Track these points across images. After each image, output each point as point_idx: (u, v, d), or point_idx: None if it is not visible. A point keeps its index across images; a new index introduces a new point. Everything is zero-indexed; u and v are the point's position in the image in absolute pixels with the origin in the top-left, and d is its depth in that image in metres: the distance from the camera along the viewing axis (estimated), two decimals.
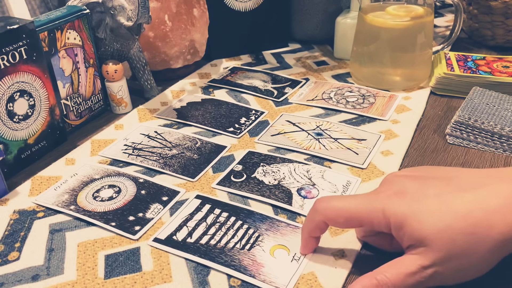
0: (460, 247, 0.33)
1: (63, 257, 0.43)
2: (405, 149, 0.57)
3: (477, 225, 0.33)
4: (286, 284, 0.39)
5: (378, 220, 0.36)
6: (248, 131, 0.62)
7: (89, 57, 0.63)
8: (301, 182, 0.51)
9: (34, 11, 1.40)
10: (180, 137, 0.60)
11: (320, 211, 0.38)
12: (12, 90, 0.52)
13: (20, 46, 0.52)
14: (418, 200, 0.35)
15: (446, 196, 0.35)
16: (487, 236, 0.33)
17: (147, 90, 0.72)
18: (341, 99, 0.68)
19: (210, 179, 0.53)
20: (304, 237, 0.41)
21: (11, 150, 0.54)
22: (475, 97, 0.61)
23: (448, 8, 1.07)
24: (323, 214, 0.38)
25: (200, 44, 0.78)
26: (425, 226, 0.34)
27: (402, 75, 0.71)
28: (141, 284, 0.40)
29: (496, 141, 0.55)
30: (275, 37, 0.88)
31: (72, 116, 0.63)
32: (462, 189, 0.35)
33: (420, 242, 0.34)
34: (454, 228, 0.33)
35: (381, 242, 0.41)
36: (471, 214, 0.33)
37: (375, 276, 0.35)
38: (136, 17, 0.60)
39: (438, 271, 0.34)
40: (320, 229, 0.40)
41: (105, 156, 0.57)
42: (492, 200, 0.34)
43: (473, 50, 0.84)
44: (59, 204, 0.49)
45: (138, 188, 0.51)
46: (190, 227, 0.45)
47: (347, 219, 0.37)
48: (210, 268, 0.41)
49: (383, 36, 0.68)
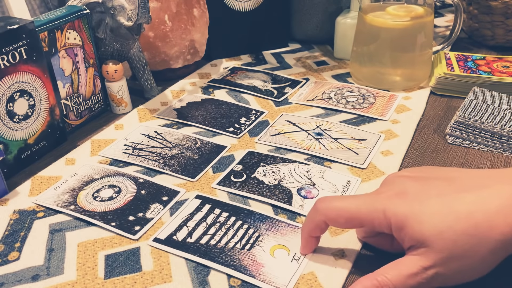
0: (462, 248, 0.33)
1: (63, 257, 0.43)
2: (405, 149, 0.57)
3: (478, 226, 0.33)
4: (286, 284, 0.39)
5: (379, 221, 0.36)
6: (248, 131, 0.62)
7: (89, 57, 0.63)
8: (301, 182, 0.51)
9: (34, 11, 1.40)
10: (180, 137, 0.60)
11: (320, 211, 0.38)
12: (12, 90, 0.52)
13: (20, 46, 0.52)
14: (419, 201, 0.35)
15: (448, 197, 0.35)
16: (489, 237, 0.33)
17: (147, 90, 0.72)
18: (341, 99, 0.68)
19: (210, 179, 0.53)
20: (304, 237, 0.41)
21: (11, 150, 0.54)
22: (475, 97, 0.61)
23: (448, 8, 1.07)
24: (324, 214, 0.38)
25: (200, 44, 0.78)
26: (426, 227, 0.34)
27: (402, 75, 0.71)
28: (141, 284, 0.40)
29: (496, 141, 0.55)
30: (275, 37, 0.88)
31: (72, 116, 0.63)
32: (463, 190, 0.35)
33: (421, 243, 0.34)
34: (455, 229, 0.33)
35: (382, 242, 0.41)
36: (472, 215, 0.33)
37: (375, 277, 0.35)
38: (136, 17, 0.60)
39: (439, 272, 0.34)
40: (320, 229, 0.40)
41: (105, 156, 0.57)
42: (493, 201, 0.34)
43: (473, 50, 0.84)
44: (59, 204, 0.49)
45: (138, 188, 0.51)
46: (190, 227, 0.45)
47: (347, 219, 0.37)
48: (210, 268, 0.41)
49: (383, 36, 0.68)
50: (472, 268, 0.34)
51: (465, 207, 0.34)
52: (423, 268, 0.34)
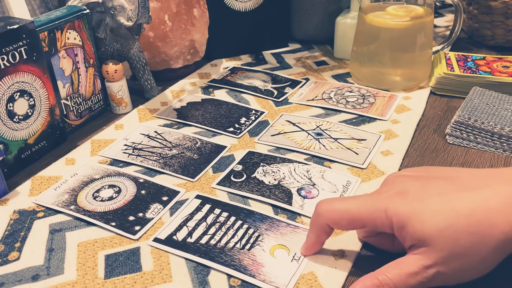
0: (463, 247, 0.33)
1: (63, 257, 0.43)
2: (405, 149, 0.57)
3: (479, 224, 0.33)
4: (286, 284, 0.39)
5: (381, 221, 0.36)
6: (248, 131, 0.62)
7: (89, 57, 0.63)
8: (301, 182, 0.51)
9: (34, 11, 1.40)
10: (180, 137, 0.60)
11: (323, 214, 0.38)
12: (12, 90, 0.52)
13: (20, 46, 0.52)
14: (420, 200, 0.35)
15: (448, 195, 0.35)
16: (490, 235, 0.33)
17: (147, 90, 0.72)
18: (341, 99, 0.68)
19: (210, 179, 0.53)
20: (310, 240, 0.41)
21: (11, 150, 0.54)
22: (475, 97, 0.61)
23: (448, 8, 1.07)
24: (326, 217, 0.38)
25: (200, 44, 0.78)
26: (428, 225, 0.34)
27: (402, 75, 0.71)
28: (141, 284, 0.40)
29: (496, 141, 0.55)
30: (275, 37, 0.88)
31: (72, 116, 0.63)
32: (464, 189, 0.35)
33: (423, 242, 0.34)
34: (456, 227, 0.33)
35: (383, 242, 0.41)
36: (473, 213, 0.33)
37: (376, 276, 0.35)
38: (136, 17, 0.60)
39: (440, 271, 0.34)
40: (325, 232, 0.40)
41: (105, 156, 0.57)
42: (494, 200, 0.34)
43: (473, 50, 0.84)
44: (59, 204, 0.49)
45: (138, 188, 0.51)
46: (190, 227, 0.45)
47: (349, 220, 0.37)
48: (210, 268, 0.41)
49: (383, 36, 0.68)
50: (473, 267, 0.34)
51: (466, 205, 0.34)
52: (424, 267, 0.34)
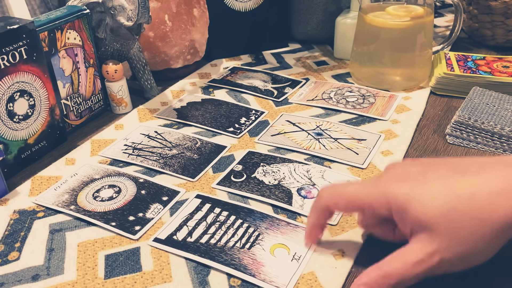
0: (465, 230, 0.33)
1: (63, 257, 0.43)
2: (405, 149, 0.57)
3: (481, 208, 0.33)
4: (286, 284, 0.39)
5: (379, 204, 0.36)
6: (248, 131, 0.62)
7: (89, 57, 0.63)
8: (301, 182, 0.51)
9: (34, 11, 1.40)
10: (180, 137, 0.60)
11: (323, 195, 0.39)
12: (12, 90, 0.52)
13: (20, 46, 0.52)
14: (421, 183, 0.35)
15: (449, 179, 0.34)
16: (492, 218, 0.32)
17: (147, 90, 0.72)
18: (341, 99, 0.68)
19: (210, 179, 0.53)
20: (309, 222, 0.41)
21: (11, 150, 0.54)
22: (475, 97, 0.61)
23: (448, 8, 1.07)
24: (326, 198, 0.39)
25: (200, 44, 0.78)
26: (429, 209, 0.33)
27: (402, 75, 0.71)
28: (141, 284, 0.40)
29: (496, 141, 0.55)
30: (275, 37, 0.88)
31: (72, 116, 0.63)
32: (465, 173, 0.35)
33: (424, 227, 0.34)
34: (458, 210, 0.33)
35: (384, 232, 0.41)
36: (475, 197, 0.33)
37: (381, 267, 0.35)
38: (136, 17, 0.60)
39: (444, 257, 0.33)
40: (324, 215, 0.40)
41: (105, 156, 0.57)
42: (496, 183, 0.33)
43: (473, 50, 0.84)
44: (59, 204, 0.49)
45: (138, 188, 0.51)
46: (190, 226, 0.45)
47: (347, 201, 0.38)
48: (210, 267, 0.41)
49: (383, 36, 0.68)
50: (477, 252, 0.33)
51: (467, 188, 0.33)
52: (428, 254, 0.33)
